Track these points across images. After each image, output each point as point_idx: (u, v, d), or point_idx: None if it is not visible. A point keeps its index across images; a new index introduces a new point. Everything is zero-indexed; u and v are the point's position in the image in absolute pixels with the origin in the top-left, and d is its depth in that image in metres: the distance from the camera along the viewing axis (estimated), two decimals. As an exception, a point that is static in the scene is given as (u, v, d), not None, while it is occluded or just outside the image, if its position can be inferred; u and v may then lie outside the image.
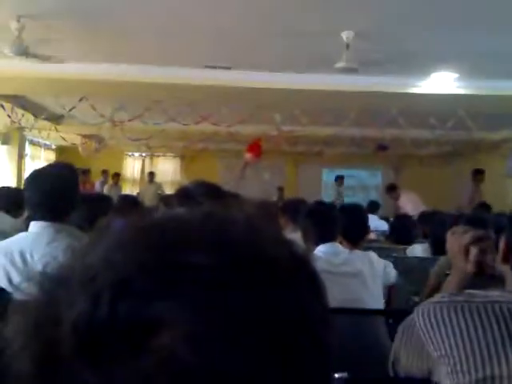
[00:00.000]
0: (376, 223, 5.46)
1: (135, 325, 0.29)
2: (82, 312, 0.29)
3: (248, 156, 9.92)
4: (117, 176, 11.43)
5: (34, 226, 1.97)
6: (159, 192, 11.34)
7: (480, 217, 3.40)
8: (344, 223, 2.46)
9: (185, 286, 0.29)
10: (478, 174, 8.42)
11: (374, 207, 7.26)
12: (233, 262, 0.31)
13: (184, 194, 1.68)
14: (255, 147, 9.72)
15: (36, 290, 0.33)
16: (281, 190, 11.95)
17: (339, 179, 11.84)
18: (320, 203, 2.63)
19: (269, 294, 0.31)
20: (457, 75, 6.01)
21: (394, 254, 3.86)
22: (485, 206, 6.59)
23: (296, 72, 5.97)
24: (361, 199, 13.19)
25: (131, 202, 4.23)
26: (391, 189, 8.07)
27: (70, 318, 0.29)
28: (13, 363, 0.31)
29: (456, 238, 1.40)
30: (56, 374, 0.29)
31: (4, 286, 1.79)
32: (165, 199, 4.78)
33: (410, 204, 7.21)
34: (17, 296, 1.80)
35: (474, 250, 1.31)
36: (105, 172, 11.40)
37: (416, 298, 2.86)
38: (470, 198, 8.00)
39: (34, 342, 0.30)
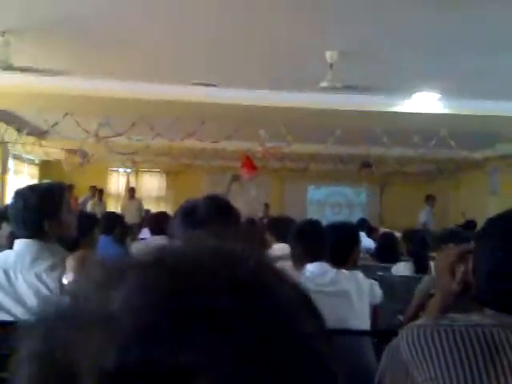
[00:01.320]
0: (364, 241, 5.48)
1: (167, 372, 0.28)
2: (111, 360, 0.28)
3: (244, 172, 9.90)
4: (100, 192, 11.31)
5: (19, 244, 1.96)
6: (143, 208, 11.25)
7: (459, 233, 3.44)
8: (331, 242, 2.47)
9: (213, 331, 0.30)
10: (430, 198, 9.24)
11: (362, 225, 7.31)
12: (251, 306, 0.32)
13: (189, 212, 1.64)
14: (248, 163, 9.71)
15: (42, 330, 0.32)
16: (267, 206, 11.98)
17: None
18: (309, 222, 2.63)
19: (290, 335, 0.33)
20: (439, 95, 6.13)
21: (380, 273, 3.88)
22: (471, 224, 6.67)
23: (281, 90, 6.04)
24: (346, 216, 13.31)
25: (116, 221, 4.22)
26: None
27: (94, 367, 0.29)
28: None
29: (444, 256, 1.37)
30: None
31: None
32: (151, 218, 4.77)
33: None
34: (1, 316, 1.78)
35: (460, 268, 1.26)
36: (92, 188, 11.18)
37: (401, 317, 2.88)
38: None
39: None
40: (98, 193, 11.16)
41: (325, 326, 0.38)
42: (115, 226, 4.08)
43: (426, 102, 6.26)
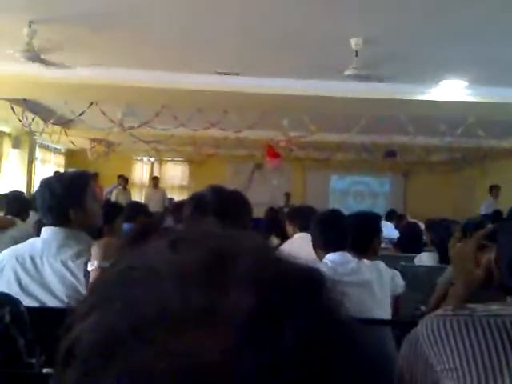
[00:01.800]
0: (388, 231, 5.46)
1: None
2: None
3: (268, 161, 9.95)
4: (125, 181, 11.40)
5: (46, 231, 2.00)
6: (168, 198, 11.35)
7: (484, 222, 3.39)
8: (352, 231, 2.47)
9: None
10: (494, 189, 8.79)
11: (390, 215, 7.31)
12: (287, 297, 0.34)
13: (198, 204, 1.68)
14: (272, 152, 9.74)
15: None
16: (287, 195, 11.98)
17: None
18: (330, 212, 2.63)
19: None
20: (466, 83, 6.01)
21: (402, 263, 3.86)
22: (498, 214, 6.55)
23: (305, 78, 6.00)
24: (369, 206, 13.22)
25: (140, 210, 4.28)
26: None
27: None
28: None
29: (463, 244, 1.35)
30: None
31: (15, 292, 1.81)
32: (175, 207, 4.80)
33: None
34: (29, 302, 1.83)
35: (484, 256, 1.24)
36: (121, 177, 11.11)
37: (424, 308, 2.87)
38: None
39: None
40: (123, 181, 11.26)
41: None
42: (138, 214, 4.13)
43: (452, 89, 6.15)
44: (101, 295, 0.35)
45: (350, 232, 2.47)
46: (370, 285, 2.35)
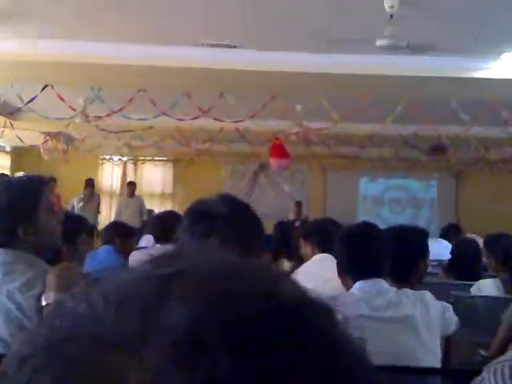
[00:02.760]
0: (442, 251, 5.44)
1: None
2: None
3: (273, 161, 9.98)
4: (91, 185, 11.39)
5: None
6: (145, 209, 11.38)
7: None
8: (389, 252, 2.46)
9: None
10: None
11: (449, 231, 7.24)
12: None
13: (202, 216, 1.71)
14: (279, 149, 9.77)
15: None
16: (298, 205, 11.99)
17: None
18: (360, 226, 2.64)
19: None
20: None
21: (455, 293, 3.85)
22: None
23: (323, 52, 6.02)
24: (410, 218, 13.23)
25: (124, 233, 4.61)
26: None
27: None
28: None
29: None
30: None
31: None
32: (156, 221, 4.92)
33: None
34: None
35: None
36: (88, 183, 11.19)
37: (484, 352, 2.85)
38: None
39: None
40: (88, 186, 11.22)
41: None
42: (117, 233, 4.44)
43: (518, 64, 6.16)
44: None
45: (387, 253, 2.47)
46: (412, 322, 2.34)
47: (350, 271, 2.46)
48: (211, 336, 0.37)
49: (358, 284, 2.40)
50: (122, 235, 4.57)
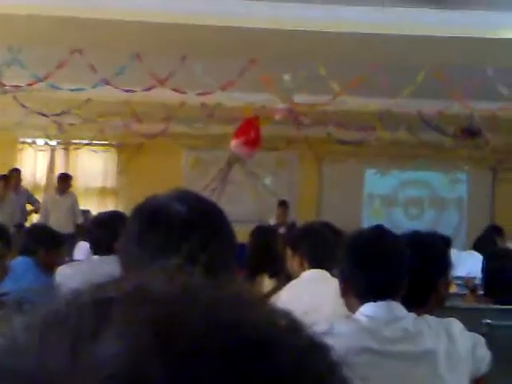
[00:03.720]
0: (474, 267, 5.45)
1: None
2: None
3: (237, 145, 9.96)
4: (17, 176, 11.30)
5: None
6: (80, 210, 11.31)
7: None
8: (403, 268, 2.47)
9: None
10: None
11: (486, 239, 7.19)
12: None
13: (155, 220, 1.68)
14: (249, 130, 9.77)
15: None
16: (283, 205, 11.97)
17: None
18: (366, 233, 2.64)
19: None
20: None
21: (489, 321, 3.87)
22: None
23: (322, 3, 6.02)
24: (432, 221, 13.26)
25: (51, 241, 4.55)
26: None
27: None
28: None
29: None
30: None
31: None
32: (94, 225, 4.87)
33: None
34: None
35: None
36: (14, 173, 11.19)
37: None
38: None
39: None
40: (12, 177, 11.10)
41: None
42: (41, 241, 4.39)
43: None
44: None
45: (402, 268, 2.48)
46: (434, 359, 2.35)
47: (359, 291, 2.47)
48: (150, 370, 0.40)
49: (365, 308, 2.41)
50: (47, 244, 4.50)
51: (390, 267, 2.46)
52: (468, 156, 13.05)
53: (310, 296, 3.40)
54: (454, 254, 2.91)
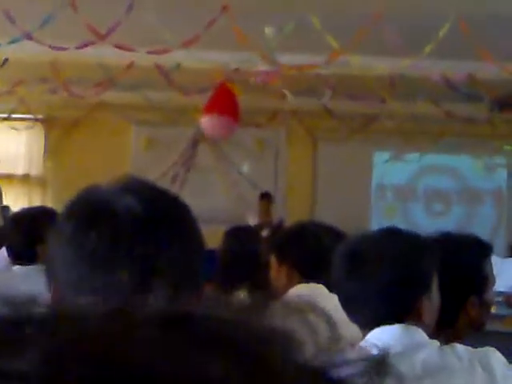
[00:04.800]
0: (506, 274, 5.49)
1: None
2: None
3: (209, 122, 9.96)
4: None
5: None
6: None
7: None
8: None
9: None
10: None
11: None
12: None
13: (96, 217, 1.64)
14: (223, 99, 9.76)
15: None
16: (266, 199, 11.98)
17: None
18: (383, 233, 2.66)
19: None
20: None
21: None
22: None
23: None
24: (461, 220, 13.30)
25: None
26: None
27: None
28: None
29: None
30: None
31: None
32: (15, 224, 4.85)
33: None
34: None
35: None
36: None
37: None
38: None
39: None
40: None
41: None
42: None
43: None
44: None
45: (420, 282, 2.52)
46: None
47: (366, 313, 2.50)
48: None
49: (375, 332, 2.44)
50: None
51: (389, 278, 2.48)
52: (508, 133, 13.11)
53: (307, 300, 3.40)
54: (492, 262, 2.90)
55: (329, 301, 2.58)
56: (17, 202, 12.35)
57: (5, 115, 13.76)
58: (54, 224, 1.79)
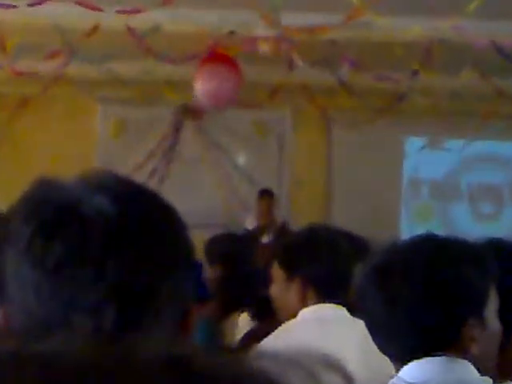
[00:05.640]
0: None
1: None
2: None
3: (199, 87, 10.00)
4: None
5: None
6: None
7: None
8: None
9: None
10: None
11: None
12: None
13: (60, 220, 1.61)
14: (220, 60, 9.80)
15: None
16: (267, 197, 12.03)
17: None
18: (421, 245, 2.66)
19: None
20: None
21: None
22: None
23: None
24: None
25: None
26: None
27: None
28: None
29: None
30: None
31: None
32: None
33: None
34: None
35: None
36: None
37: None
38: None
39: None
40: None
41: None
42: None
43: None
44: None
45: (466, 304, 2.52)
46: None
47: (400, 343, 2.51)
48: None
49: (407, 369, 2.44)
50: None
51: (446, 303, 2.49)
52: None
53: (320, 349, 3.39)
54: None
55: (353, 327, 2.59)
56: None
57: None
58: (7, 229, 1.75)
